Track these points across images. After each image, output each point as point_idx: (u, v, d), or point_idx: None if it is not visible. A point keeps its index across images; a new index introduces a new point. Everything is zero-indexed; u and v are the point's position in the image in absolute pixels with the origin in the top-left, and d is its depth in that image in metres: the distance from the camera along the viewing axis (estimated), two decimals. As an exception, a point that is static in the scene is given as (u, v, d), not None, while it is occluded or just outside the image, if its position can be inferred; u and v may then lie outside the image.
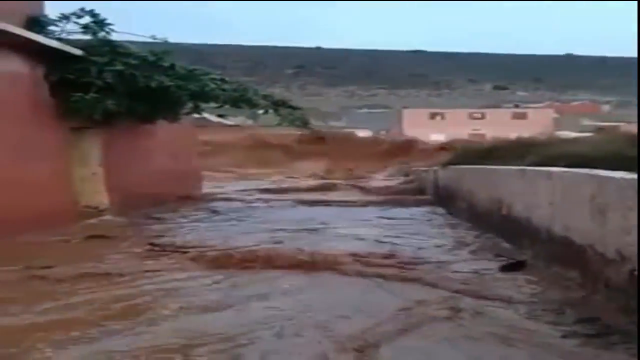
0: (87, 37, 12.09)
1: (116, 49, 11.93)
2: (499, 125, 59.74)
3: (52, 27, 11.80)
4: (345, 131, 38.04)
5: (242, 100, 13.86)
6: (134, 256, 7.91)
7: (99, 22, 12.01)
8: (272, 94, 15.11)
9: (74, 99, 11.17)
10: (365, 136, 42.48)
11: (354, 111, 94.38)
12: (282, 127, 16.57)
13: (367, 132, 58.01)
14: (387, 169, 29.18)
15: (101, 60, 11.55)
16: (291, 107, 14.58)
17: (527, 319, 4.90)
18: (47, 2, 12.24)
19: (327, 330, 4.68)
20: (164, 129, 15.15)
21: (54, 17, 11.85)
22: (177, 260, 7.50)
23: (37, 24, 11.45)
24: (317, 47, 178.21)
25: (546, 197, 6.60)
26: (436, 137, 59.65)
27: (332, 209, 13.73)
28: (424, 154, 30.57)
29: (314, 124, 17.52)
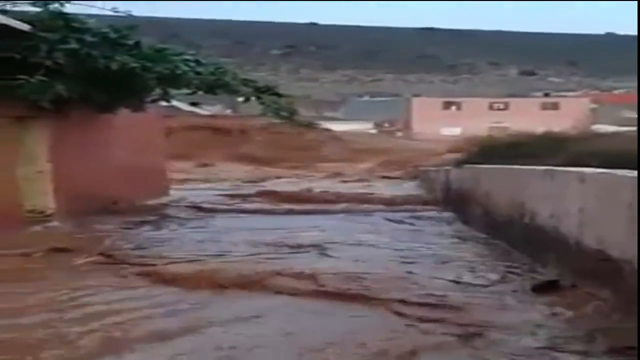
0: (36, 9, 12.06)
1: (70, 24, 11.89)
2: (525, 117, 59.97)
3: (-8, -3, 11.80)
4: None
5: (219, 85, 13.87)
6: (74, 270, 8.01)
7: (51, -9, 12.00)
8: (256, 79, 15.12)
9: (17, 82, 11.12)
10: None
11: (354, 99, 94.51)
12: (265, 118, 16.57)
13: (367, 125, 58.14)
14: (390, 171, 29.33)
15: (52, 36, 11.50)
16: (277, 94, 14.59)
17: (549, 347, 4.90)
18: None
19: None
20: (125, 119, 15.13)
21: (-5, -15, 11.85)
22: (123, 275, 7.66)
23: (-27, -8, 11.44)
24: (311, 24, 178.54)
25: (577, 203, 6.60)
26: (450, 130, 59.93)
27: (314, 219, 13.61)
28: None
29: (305, 115, 17.55)
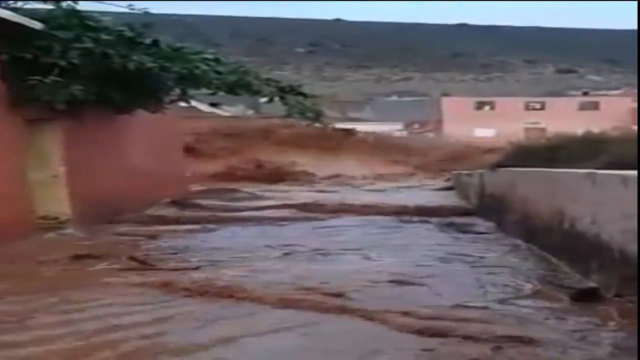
0: (48, 7, 12.15)
1: (85, 22, 11.97)
2: (563, 117, 59.39)
3: (4, -6, 11.90)
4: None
5: (240, 85, 13.90)
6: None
7: (64, -12, 12.08)
8: (279, 79, 15.13)
9: (30, 83, 11.21)
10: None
11: (381, 99, 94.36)
12: (289, 119, 16.56)
13: (395, 126, 57.96)
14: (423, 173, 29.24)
15: (66, 35, 11.58)
16: (301, 94, 14.59)
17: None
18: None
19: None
20: (143, 120, 15.21)
21: (7, -18, 11.96)
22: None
23: (-16, -11, 11.55)
24: (336, 20, 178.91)
25: (620, 208, 6.51)
26: (483, 132, 59.64)
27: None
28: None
29: (329, 116, 17.53)
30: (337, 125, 31.00)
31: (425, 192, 22.26)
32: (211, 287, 7.20)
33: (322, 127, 16.51)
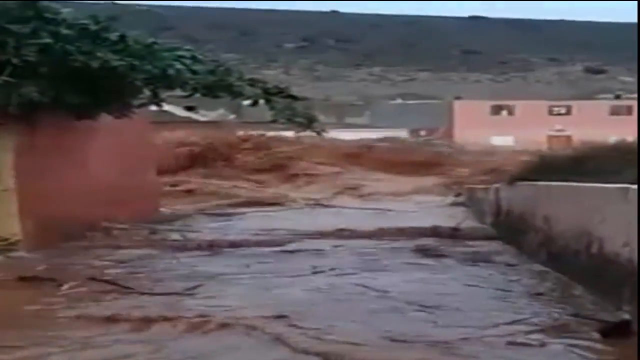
0: (1, -2, 12.15)
1: (43, 14, 11.99)
2: (592, 123, 59.73)
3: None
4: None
5: (221, 86, 13.93)
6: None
7: (19, -24, 12.09)
8: (265, 79, 15.16)
9: (-23, 84, 11.21)
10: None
11: (382, 103, 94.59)
12: (276, 125, 16.57)
13: (399, 133, 57.87)
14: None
15: (20, 29, 11.59)
16: (291, 96, 14.62)
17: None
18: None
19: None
20: (108, 127, 15.19)
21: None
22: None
23: None
24: (332, 12, 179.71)
25: (657, 229, 6.52)
26: (500, 140, 59.76)
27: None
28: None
29: (324, 121, 17.51)
30: (332, 132, 30.89)
31: (432, 209, 22.21)
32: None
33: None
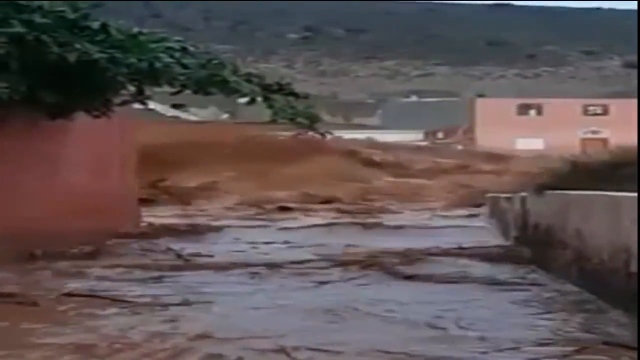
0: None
1: (15, 1, 12.05)
2: (631, 124, 59.55)
3: None
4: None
5: (214, 82, 13.95)
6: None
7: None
8: (264, 74, 15.20)
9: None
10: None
11: (396, 101, 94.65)
12: (275, 125, 16.61)
13: (413, 135, 57.94)
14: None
15: (-11, 18, 11.66)
16: (292, 94, 14.65)
17: None
18: None
19: None
20: (85, 127, 15.23)
21: None
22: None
23: None
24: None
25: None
26: (527, 142, 59.74)
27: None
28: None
29: (330, 121, 17.52)
30: (338, 133, 31.02)
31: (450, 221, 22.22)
32: None
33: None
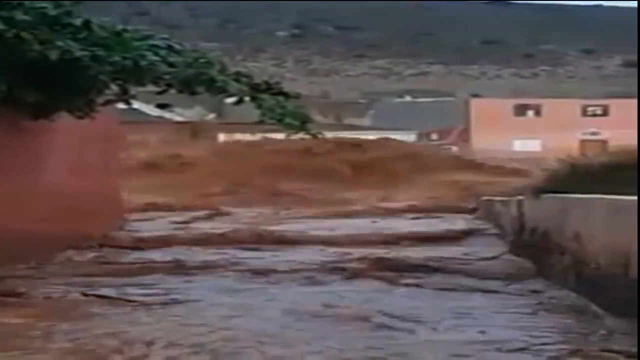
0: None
1: (-6, -4, 12.05)
2: (632, 126, 59.69)
3: None
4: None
5: (200, 81, 13.94)
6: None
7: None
8: (252, 73, 15.19)
9: None
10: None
11: (388, 101, 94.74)
12: (264, 126, 16.63)
13: (406, 136, 58.03)
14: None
15: (-33, 14, 11.65)
16: (282, 93, 14.65)
17: None
18: None
19: None
20: (67, 128, 15.24)
21: None
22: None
23: None
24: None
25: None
26: (525, 144, 59.83)
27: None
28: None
29: (320, 122, 17.53)
30: (330, 135, 31.12)
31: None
32: None
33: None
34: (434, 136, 72.68)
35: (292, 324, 8.74)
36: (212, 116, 49.85)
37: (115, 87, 14.29)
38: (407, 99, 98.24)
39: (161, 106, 27.47)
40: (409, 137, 63.61)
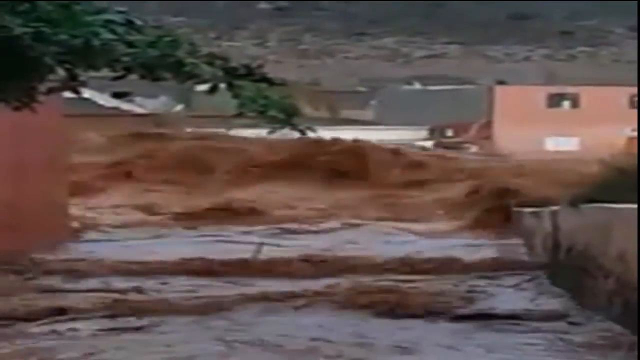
0: None
1: None
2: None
3: None
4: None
5: (166, 65, 13.92)
6: None
7: None
8: (229, 55, 15.22)
9: None
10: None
11: (394, 89, 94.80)
12: (244, 121, 16.66)
13: (416, 132, 57.99)
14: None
15: None
16: (264, 80, 14.65)
17: None
18: None
19: None
20: (3, 120, 15.27)
21: None
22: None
23: None
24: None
25: None
26: (560, 142, 59.89)
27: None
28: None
29: (311, 115, 17.50)
30: (322, 131, 31.16)
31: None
32: None
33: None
34: (449, 132, 72.62)
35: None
36: (180, 107, 49.96)
37: (61, 72, 14.32)
38: (417, 86, 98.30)
39: (118, 95, 27.23)
40: (419, 134, 63.64)
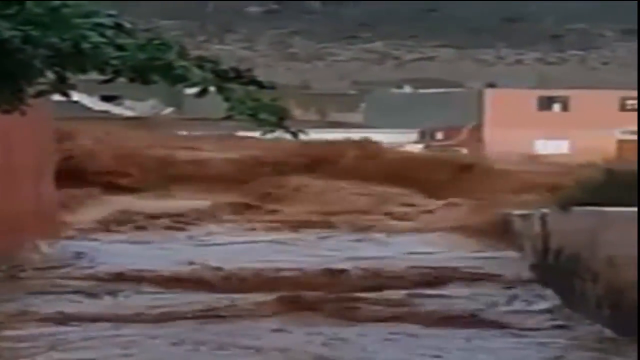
0: None
1: None
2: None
3: None
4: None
5: (155, 68, 13.92)
6: None
7: None
8: (219, 57, 15.24)
9: None
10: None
11: (384, 92, 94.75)
12: (234, 124, 16.72)
13: (406, 135, 58.03)
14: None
15: None
16: (254, 82, 14.68)
17: None
18: None
19: None
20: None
21: None
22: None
23: None
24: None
25: None
26: (550, 145, 59.97)
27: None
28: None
29: (301, 118, 17.55)
30: (313, 133, 31.15)
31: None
32: None
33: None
34: (440, 135, 72.55)
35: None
36: (170, 110, 49.87)
37: (50, 75, 14.33)
38: (407, 89, 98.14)
39: (107, 98, 27.42)
40: (409, 137, 63.66)
